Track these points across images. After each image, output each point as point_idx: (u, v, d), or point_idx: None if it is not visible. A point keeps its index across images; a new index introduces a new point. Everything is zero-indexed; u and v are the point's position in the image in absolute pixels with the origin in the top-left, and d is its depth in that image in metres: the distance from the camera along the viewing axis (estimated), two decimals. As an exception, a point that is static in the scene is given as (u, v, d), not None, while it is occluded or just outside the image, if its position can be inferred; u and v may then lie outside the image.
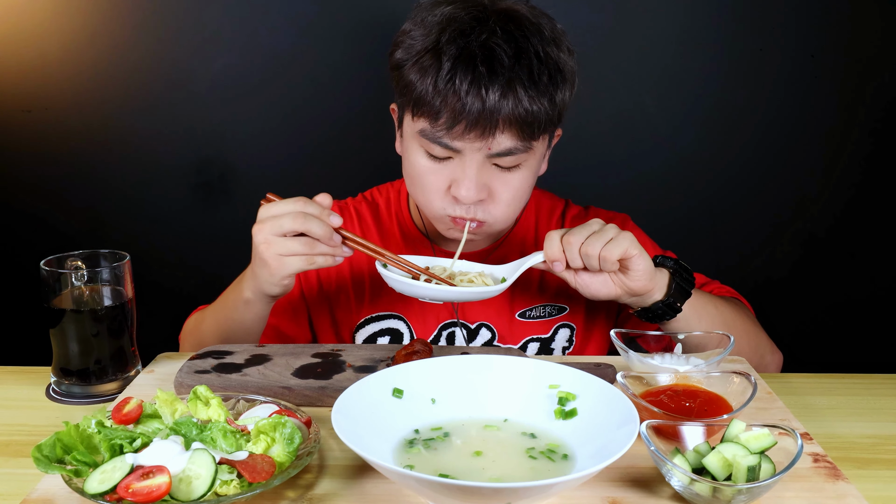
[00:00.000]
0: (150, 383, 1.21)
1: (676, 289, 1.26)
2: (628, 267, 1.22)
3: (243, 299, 1.30)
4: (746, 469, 0.86)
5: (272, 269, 1.21)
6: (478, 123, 1.22)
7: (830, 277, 2.25)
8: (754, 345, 1.40)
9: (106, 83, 2.12)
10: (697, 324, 1.31)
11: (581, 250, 1.20)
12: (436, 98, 1.23)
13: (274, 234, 1.19)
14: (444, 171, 1.30)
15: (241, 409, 1.05)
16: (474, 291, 1.23)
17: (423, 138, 1.28)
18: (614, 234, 1.20)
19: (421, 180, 1.33)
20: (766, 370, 1.42)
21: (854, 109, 2.14)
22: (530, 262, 1.25)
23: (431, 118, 1.25)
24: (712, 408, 1.02)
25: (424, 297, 1.24)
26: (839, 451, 1.07)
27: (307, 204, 1.20)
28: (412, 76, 1.26)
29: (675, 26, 2.09)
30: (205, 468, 0.85)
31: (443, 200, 1.32)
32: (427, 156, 1.30)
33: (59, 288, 1.21)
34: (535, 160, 1.33)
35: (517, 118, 1.23)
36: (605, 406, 0.97)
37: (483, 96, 1.21)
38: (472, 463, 0.93)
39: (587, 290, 1.26)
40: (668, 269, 1.28)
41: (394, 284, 1.24)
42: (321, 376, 1.17)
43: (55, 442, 0.88)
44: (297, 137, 2.16)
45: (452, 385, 1.05)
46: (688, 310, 1.29)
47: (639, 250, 1.20)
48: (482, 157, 1.27)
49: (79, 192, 2.19)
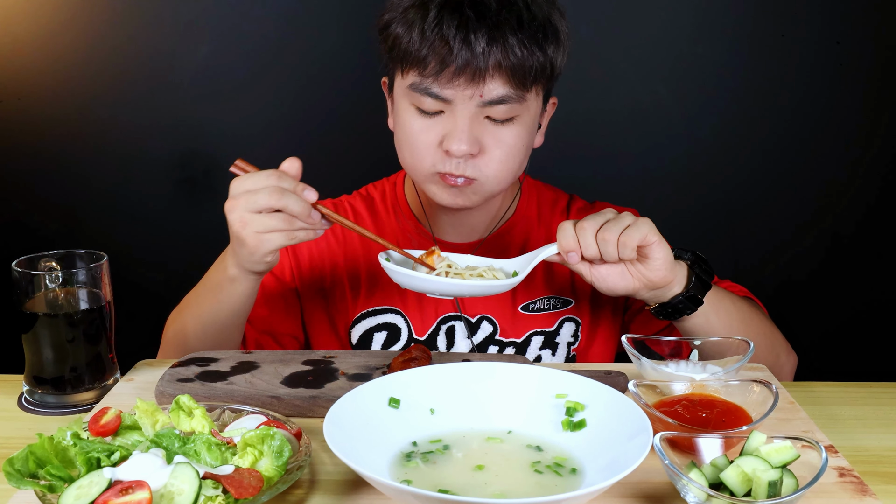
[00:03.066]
0: (130, 392, 1.21)
1: (696, 281, 1.27)
2: (647, 255, 1.22)
3: (228, 277, 1.30)
4: (767, 484, 0.86)
5: (251, 248, 1.22)
6: (466, 68, 1.26)
7: (856, 280, 2.25)
8: (770, 344, 1.40)
9: (83, 71, 2.12)
10: (716, 320, 1.31)
11: (598, 236, 1.21)
12: (423, 46, 1.27)
13: (249, 212, 1.19)
14: (435, 128, 1.32)
15: (227, 420, 1.05)
16: (484, 285, 1.22)
17: (413, 93, 1.31)
18: (631, 220, 1.21)
19: (411, 140, 1.35)
20: (781, 371, 1.42)
21: (882, 99, 2.14)
22: (543, 255, 1.25)
23: (420, 68, 1.29)
24: (730, 419, 1.02)
25: (431, 291, 1.24)
26: (866, 464, 1.07)
27: (281, 178, 1.20)
28: (399, 30, 1.31)
29: (690, 10, 2.10)
30: (188, 483, 0.85)
31: (433, 156, 1.33)
32: (418, 113, 1.33)
33: (32, 290, 1.21)
34: (528, 116, 1.35)
35: (508, 64, 1.27)
36: (616, 417, 0.97)
37: (471, 41, 1.25)
38: (474, 478, 0.93)
39: (604, 284, 1.26)
40: (685, 260, 1.29)
41: (397, 278, 1.23)
42: (312, 385, 1.17)
43: (28, 455, 0.88)
44: (287, 129, 2.16)
45: (453, 394, 1.05)
46: (706, 305, 1.29)
47: (658, 237, 1.21)
48: (474, 108, 1.30)
49: (53, 187, 2.19)
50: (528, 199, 1.56)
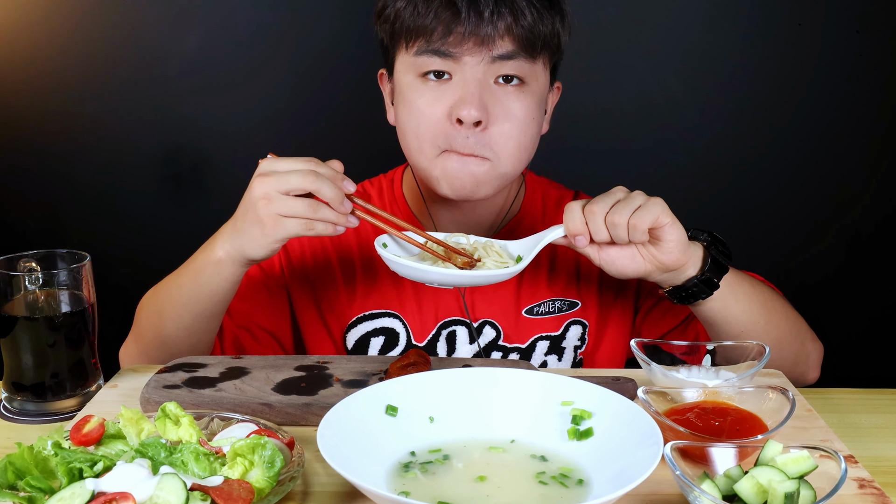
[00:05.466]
0: (114, 399, 1.21)
1: (713, 263, 1.26)
2: (660, 237, 1.22)
3: (214, 259, 1.29)
4: (784, 496, 0.86)
5: (266, 229, 1.21)
6: (476, 32, 1.29)
7: (877, 281, 2.25)
8: (795, 331, 1.40)
9: (64, 62, 2.12)
10: (735, 305, 1.31)
11: (607, 219, 1.21)
12: (428, 14, 1.30)
13: (277, 191, 1.19)
14: (442, 98, 1.33)
15: (216, 429, 1.05)
16: (487, 275, 1.22)
17: (419, 59, 1.33)
18: (643, 200, 1.21)
19: (416, 117, 1.35)
20: (808, 360, 1.42)
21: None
22: (549, 238, 1.25)
23: (426, 35, 1.31)
24: (745, 427, 1.02)
25: (432, 281, 1.23)
26: (887, 475, 1.07)
27: (319, 164, 1.22)
28: (399, 5, 1.34)
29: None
30: (175, 495, 0.85)
31: (441, 130, 1.33)
32: (423, 84, 1.34)
33: (11, 292, 1.21)
34: (537, 87, 1.36)
35: (517, 28, 1.30)
36: (625, 425, 0.97)
37: (479, 3, 1.28)
38: (475, 489, 0.93)
39: (613, 267, 1.26)
40: (701, 241, 1.29)
41: (397, 268, 1.23)
42: (305, 392, 1.17)
43: (6, 465, 0.88)
44: (279, 124, 2.16)
45: (453, 401, 1.05)
46: (724, 288, 1.29)
47: (671, 218, 1.21)
48: (482, 71, 1.32)
49: (33, 184, 2.19)
50: (532, 196, 1.56)
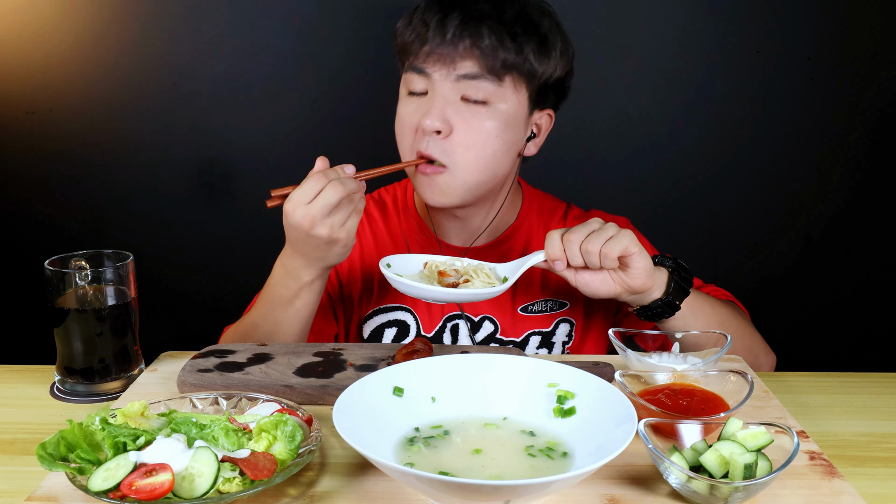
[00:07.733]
0: (154, 382, 1.21)
1: (675, 287, 1.27)
2: (628, 264, 1.23)
3: (304, 284, 1.29)
4: (743, 467, 0.86)
5: (345, 241, 1.23)
6: (440, 48, 1.31)
7: (826, 277, 2.25)
8: (749, 345, 1.40)
9: (109, 85, 2.12)
10: (694, 323, 1.32)
11: (581, 248, 1.21)
12: (412, 34, 1.34)
13: (328, 216, 1.20)
14: (418, 110, 1.35)
15: (244, 407, 1.05)
16: (475, 293, 1.23)
17: (406, 76, 1.37)
18: (614, 231, 1.21)
19: (399, 126, 1.39)
20: (760, 370, 1.42)
21: (850, 110, 2.14)
22: (532, 262, 1.26)
23: (412, 55, 1.35)
24: (709, 406, 1.02)
25: (426, 298, 1.25)
26: (835, 448, 1.07)
27: (326, 171, 1.22)
28: (399, 27, 1.38)
29: (673, 28, 2.10)
30: (207, 466, 0.85)
31: (413, 138, 1.36)
32: (408, 98, 1.37)
33: (64, 288, 1.21)
34: (505, 108, 1.35)
35: (476, 48, 1.30)
36: (604, 404, 0.98)
37: (445, 22, 1.31)
38: (472, 461, 0.93)
39: (587, 289, 1.26)
40: (666, 267, 1.29)
41: (396, 286, 1.25)
42: (322, 375, 1.17)
43: (59, 440, 0.88)
44: (298, 137, 2.16)
45: (452, 384, 1.05)
46: (685, 309, 1.29)
47: (638, 248, 1.21)
48: (449, 87, 1.32)
49: (82, 192, 2.19)
50: (529, 206, 1.56)
